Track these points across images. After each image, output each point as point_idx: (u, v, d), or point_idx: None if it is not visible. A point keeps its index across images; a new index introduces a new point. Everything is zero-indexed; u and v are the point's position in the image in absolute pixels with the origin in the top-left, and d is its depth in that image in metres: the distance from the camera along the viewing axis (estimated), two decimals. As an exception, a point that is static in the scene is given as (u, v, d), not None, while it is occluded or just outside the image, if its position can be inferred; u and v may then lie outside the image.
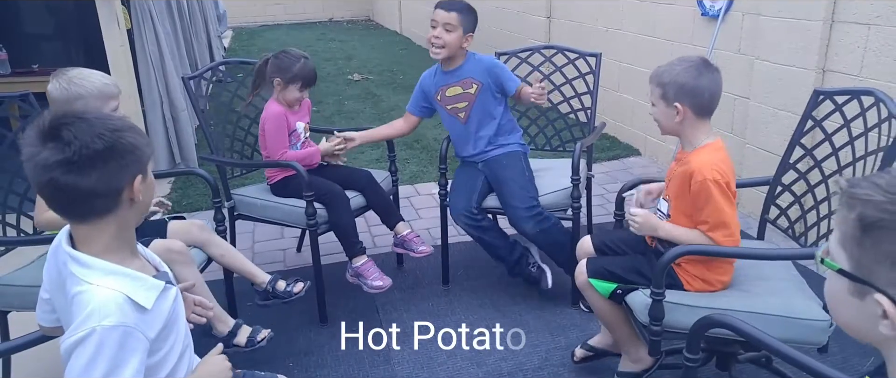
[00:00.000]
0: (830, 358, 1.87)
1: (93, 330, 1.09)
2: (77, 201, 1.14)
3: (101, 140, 1.11)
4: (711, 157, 1.82)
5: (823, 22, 2.89)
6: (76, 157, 1.09)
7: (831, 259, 0.83)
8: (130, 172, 1.17)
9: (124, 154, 1.15)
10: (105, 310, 1.11)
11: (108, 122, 1.15)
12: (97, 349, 1.09)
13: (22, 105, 2.33)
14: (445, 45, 2.61)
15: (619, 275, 1.97)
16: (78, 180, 1.11)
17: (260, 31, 11.89)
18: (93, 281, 1.15)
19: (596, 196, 3.67)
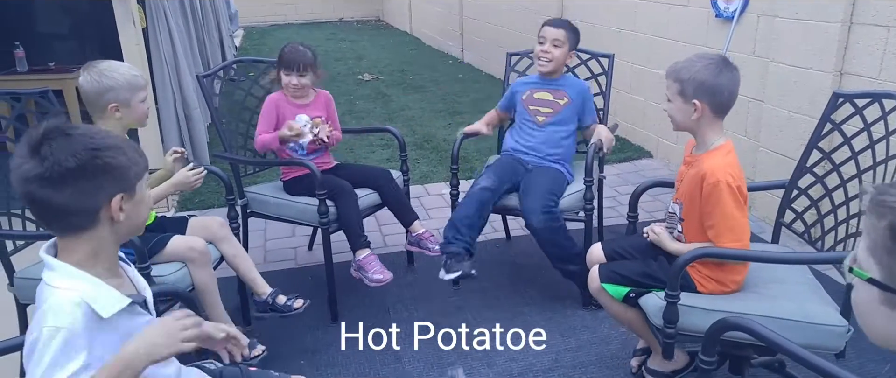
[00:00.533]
0: (847, 363, 1.85)
1: (41, 329, 1.12)
2: (52, 215, 1.17)
3: (75, 159, 1.13)
4: (723, 160, 1.81)
5: (842, 24, 2.87)
6: (48, 174, 1.11)
7: (860, 268, 0.81)
8: (107, 192, 1.18)
9: (97, 174, 1.15)
10: (57, 309, 1.14)
11: (90, 140, 1.16)
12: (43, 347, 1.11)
13: (40, 101, 2.35)
14: (553, 59, 2.74)
15: (631, 278, 1.96)
16: (51, 196, 1.13)
17: (270, 31, 11.93)
18: (55, 284, 1.17)
19: (607, 198, 3.66)
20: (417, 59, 8.62)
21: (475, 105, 5.91)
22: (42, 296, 1.18)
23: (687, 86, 1.82)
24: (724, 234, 1.80)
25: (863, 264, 0.81)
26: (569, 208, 2.62)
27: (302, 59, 2.60)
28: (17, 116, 2.29)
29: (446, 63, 8.30)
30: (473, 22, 7.91)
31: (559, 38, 2.73)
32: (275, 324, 2.60)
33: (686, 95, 1.83)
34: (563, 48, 2.74)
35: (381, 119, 5.67)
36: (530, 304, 2.72)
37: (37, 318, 1.14)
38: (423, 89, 6.86)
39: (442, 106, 6.11)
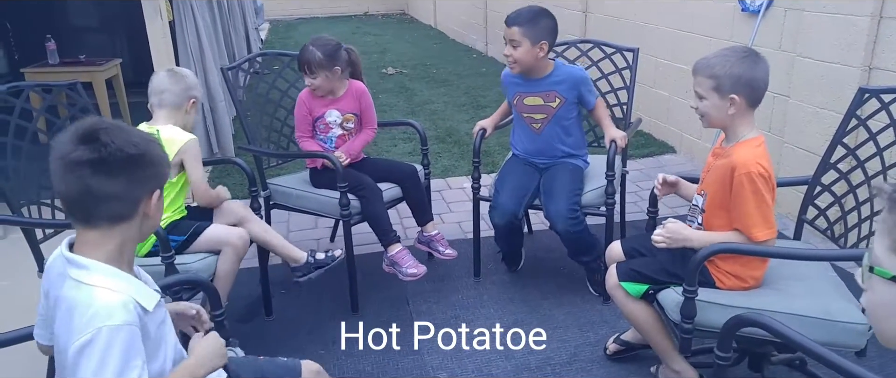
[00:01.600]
0: (868, 362, 1.83)
1: (99, 330, 1.10)
2: (97, 202, 1.16)
3: (136, 147, 1.17)
4: (755, 152, 1.80)
5: (871, 17, 2.81)
6: (107, 160, 1.13)
7: (881, 267, 0.80)
8: (151, 185, 1.22)
9: (149, 165, 1.20)
10: (109, 310, 1.13)
11: (141, 132, 1.23)
12: (107, 348, 1.09)
13: (70, 93, 2.41)
14: (516, 61, 2.54)
15: (649, 276, 1.95)
16: (104, 182, 1.14)
17: (296, 25, 12.03)
18: (94, 283, 1.16)
19: (630, 193, 3.64)
20: (441, 53, 8.63)
21: (498, 99, 5.86)
22: (74, 295, 1.15)
23: (724, 81, 1.79)
24: (759, 224, 1.77)
25: (884, 263, 0.80)
26: (591, 203, 2.62)
27: (309, 59, 2.56)
28: (48, 108, 2.36)
29: (470, 57, 8.29)
30: (498, 15, 7.89)
31: (514, 37, 2.50)
32: (297, 313, 2.65)
33: (722, 91, 1.80)
34: (523, 46, 2.49)
35: (404, 113, 5.69)
36: (549, 297, 2.73)
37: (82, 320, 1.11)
38: (447, 83, 6.87)
39: (465, 100, 6.11)
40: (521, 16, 2.51)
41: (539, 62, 2.56)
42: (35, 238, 2.17)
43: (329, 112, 2.69)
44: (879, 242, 0.81)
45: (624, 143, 2.60)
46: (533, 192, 2.63)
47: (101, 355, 1.09)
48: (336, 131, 2.71)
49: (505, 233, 2.64)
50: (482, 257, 2.92)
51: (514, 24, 2.50)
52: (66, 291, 1.16)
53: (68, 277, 1.17)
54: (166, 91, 2.27)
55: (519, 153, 2.79)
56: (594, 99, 2.70)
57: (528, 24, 2.49)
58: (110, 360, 1.10)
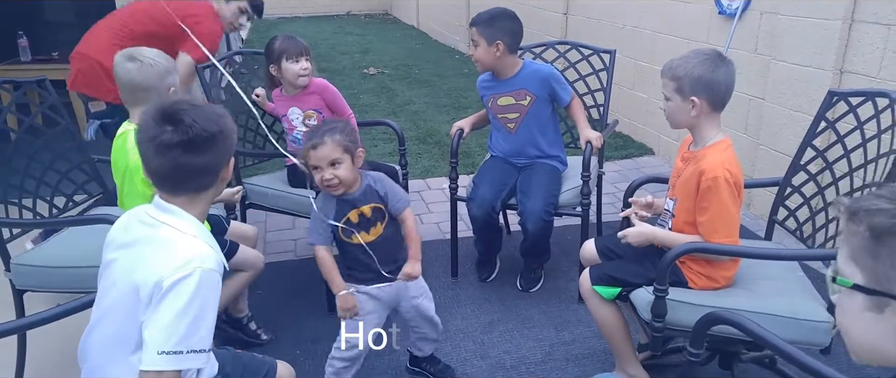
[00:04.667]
0: (833, 359, 1.85)
1: (195, 269, 1.23)
2: (188, 177, 1.32)
3: (216, 125, 1.31)
4: (722, 156, 1.81)
5: (843, 21, 2.86)
6: (194, 139, 1.27)
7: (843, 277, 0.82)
8: (229, 155, 1.37)
9: (229, 136, 1.34)
10: (205, 256, 1.27)
11: (214, 108, 1.35)
12: (198, 287, 1.22)
13: (40, 91, 2.38)
14: (477, 61, 2.62)
15: (622, 279, 1.96)
16: (194, 159, 1.29)
17: (278, 24, 11.95)
18: (188, 232, 1.30)
19: (606, 194, 3.66)
20: (423, 54, 8.63)
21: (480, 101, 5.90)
22: (172, 236, 1.28)
23: (684, 82, 1.82)
24: (719, 229, 1.80)
25: (845, 273, 0.82)
26: (566, 204, 2.64)
27: (302, 44, 2.57)
28: (19, 105, 2.33)
29: (452, 58, 8.30)
30: (479, 17, 7.90)
31: (474, 37, 2.58)
32: (274, 313, 2.63)
33: (683, 92, 1.83)
34: (481, 45, 2.56)
35: (385, 113, 5.68)
36: (525, 297, 2.74)
37: (181, 259, 1.23)
38: (429, 84, 6.86)
39: (447, 101, 6.11)
40: (480, 16, 2.61)
41: (499, 61, 2.61)
42: (1, 237, 2.13)
43: (291, 110, 2.66)
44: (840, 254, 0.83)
45: (599, 143, 2.62)
46: (510, 188, 2.64)
47: (192, 291, 1.21)
48: (300, 129, 2.67)
49: (482, 226, 2.64)
50: (459, 257, 2.93)
51: (473, 24, 2.61)
52: (161, 232, 1.30)
53: (161, 223, 1.30)
54: (136, 83, 2.00)
55: (497, 154, 2.80)
56: (568, 96, 2.70)
57: (484, 25, 2.57)
58: (197, 299, 1.22)
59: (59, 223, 2.29)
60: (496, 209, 2.61)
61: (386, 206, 1.94)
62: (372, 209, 1.92)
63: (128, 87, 2.03)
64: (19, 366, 2.16)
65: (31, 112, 2.41)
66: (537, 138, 2.70)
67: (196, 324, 1.22)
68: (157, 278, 1.22)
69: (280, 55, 2.56)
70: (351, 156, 1.85)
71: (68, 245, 2.23)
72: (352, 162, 1.86)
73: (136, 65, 2.00)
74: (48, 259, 2.14)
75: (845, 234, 0.82)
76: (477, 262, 2.93)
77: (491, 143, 2.85)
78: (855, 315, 0.81)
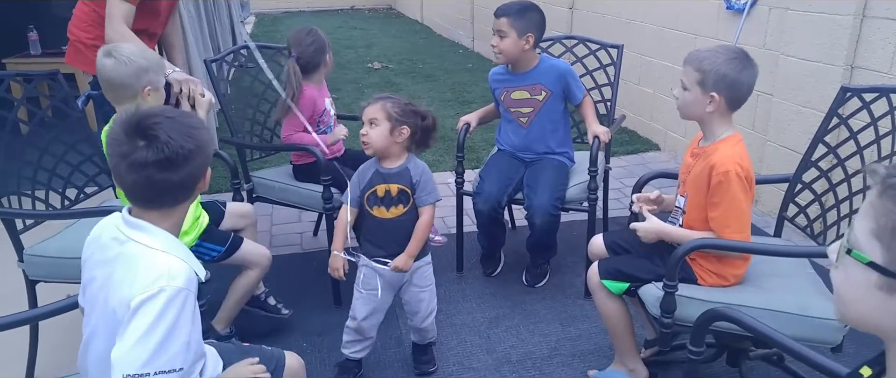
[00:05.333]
0: (844, 357, 1.84)
1: (162, 288, 1.17)
2: (164, 193, 1.26)
3: (192, 140, 1.24)
4: (733, 151, 1.80)
5: (854, 17, 2.84)
6: (170, 157, 1.21)
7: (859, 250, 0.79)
8: (205, 167, 1.31)
9: (205, 150, 1.29)
10: (173, 273, 1.21)
11: (189, 120, 1.29)
12: (165, 306, 1.17)
13: (51, 83, 2.38)
14: (502, 52, 2.57)
15: (631, 274, 1.95)
16: (170, 176, 1.23)
17: (282, 18, 11.95)
18: (157, 247, 1.24)
19: (613, 189, 3.66)
20: (427, 49, 8.61)
21: (484, 95, 5.90)
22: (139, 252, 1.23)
23: (708, 77, 1.79)
24: (731, 224, 1.78)
25: (863, 247, 0.79)
26: (573, 199, 2.63)
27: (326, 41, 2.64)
28: (29, 98, 2.33)
29: (456, 52, 8.28)
30: (484, 11, 7.89)
31: (502, 28, 2.54)
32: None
33: (705, 86, 1.80)
34: (510, 37, 2.53)
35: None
36: (531, 292, 2.74)
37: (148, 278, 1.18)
38: (433, 78, 6.85)
39: (451, 95, 6.11)
40: (510, 7, 2.56)
41: (524, 54, 2.59)
42: (15, 228, 2.14)
43: (325, 100, 2.72)
44: (861, 225, 0.80)
45: (607, 138, 2.61)
46: (517, 183, 2.64)
47: (159, 311, 1.16)
48: (332, 119, 2.74)
49: (487, 221, 2.64)
50: (465, 252, 2.93)
51: (503, 14, 2.54)
52: (129, 249, 1.24)
53: (130, 240, 1.24)
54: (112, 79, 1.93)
55: (504, 148, 2.80)
56: (581, 94, 2.70)
57: (516, 16, 2.53)
58: (166, 318, 1.17)
59: (72, 215, 2.29)
60: (502, 205, 2.61)
61: (413, 193, 2.00)
62: (399, 190, 1.99)
63: (105, 83, 1.97)
64: (31, 356, 2.17)
65: (42, 105, 2.41)
66: (548, 135, 2.70)
67: (164, 345, 1.16)
68: (126, 299, 1.18)
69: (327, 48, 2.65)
70: (391, 125, 1.94)
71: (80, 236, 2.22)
72: (390, 132, 1.94)
73: (111, 61, 1.92)
74: (60, 250, 2.15)
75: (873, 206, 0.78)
76: (481, 256, 2.93)
77: (499, 136, 2.84)
78: (861, 289, 0.79)
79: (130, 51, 1.96)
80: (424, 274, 2.11)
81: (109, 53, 1.93)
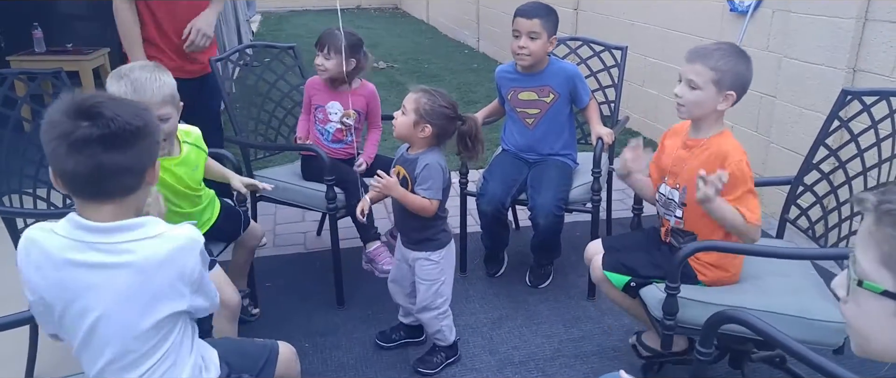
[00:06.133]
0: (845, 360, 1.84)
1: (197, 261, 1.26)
2: (111, 177, 1.16)
3: (140, 119, 1.18)
4: (735, 142, 1.84)
5: (856, 20, 2.84)
6: (117, 134, 1.13)
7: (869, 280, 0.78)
8: (154, 154, 1.24)
9: (150, 135, 1.21)
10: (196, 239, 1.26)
11: (136, 103, 1.24)
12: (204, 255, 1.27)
13: (55, 82, 2.40)
14: (531, 54, 2.55)
15: (634, 268, 1.96)
16: (116, 156, 1.14)
17: (288, 17, 11.97)
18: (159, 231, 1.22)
19: (616, 191, 3.65)
20: (433, 49, 8.62)
21: (489, 95, 5.90)
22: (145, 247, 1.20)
23: (726, 76, 1.79)
24: (752, 200, 1.80)
25: (873, 277, 0.78)
26: (577, 200, 2.63)
27: (329, 40, 2.56)
28: (33, 96, 2.34)
29: (462, 52, 8.29)
30: (489, 11, 7.89)
31: (535, 29, 2.51)
32: (283, 306, 2.64)
33: (722, 85, 1.80)
34: (541, 39, 2.53)
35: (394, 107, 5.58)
36: (535, 293, 2.74)
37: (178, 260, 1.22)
38: (438, 78, 6.86)
39: (456, 95, 6.07)
40: (539, 8, 2.55)
41: (545, 56, 2.61)
42: (16, 227, 2.15)
43: (331, 104, 2.67)
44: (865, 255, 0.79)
45: (610, 140, 2.62)
46: (520, 184, 2.64)
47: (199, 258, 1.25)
48: (334, 125, 2.68)
49: (491, 222, 2.64)
50: (469, 252, 2.93)
51: (535, 15, 2.53)
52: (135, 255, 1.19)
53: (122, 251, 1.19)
54: None
55: (509, 148, 2.80)
56: (587, 97, 2.72)
57: (546, 17, 2.54)
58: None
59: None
60: (506, 206, 2.62)
61: (413, 183, 2.05)
62: (404, 176, 2.08)
63: None
64: (31, 356, 2.18)
65: (46, 103, 2.42)
66: (554, 137, 2.70)
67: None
68: (177, 273, 1.22)
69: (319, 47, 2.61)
70: (416, 118, 2.01)
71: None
72: (413, 124, 2.01)
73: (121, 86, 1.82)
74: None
75: (872, 235, 0.78)
76: (484, 257, 2.93)
77: (504, 135, 2.85)
78: (881, 320, 0.78)
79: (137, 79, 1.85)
80: (424, 267, 2.15)
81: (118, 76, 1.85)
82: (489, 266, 2.90)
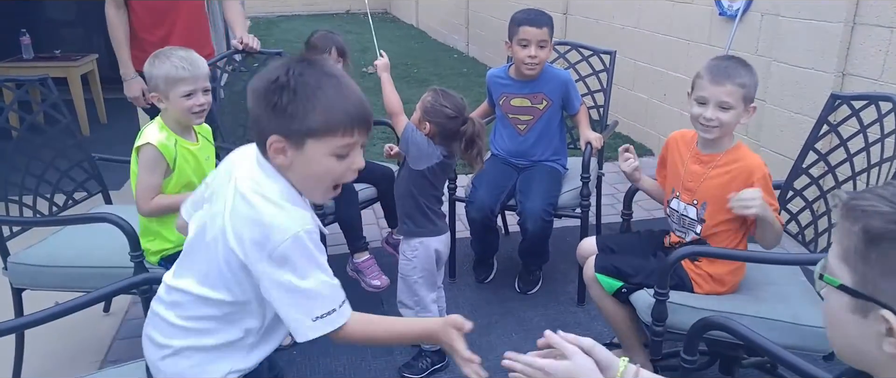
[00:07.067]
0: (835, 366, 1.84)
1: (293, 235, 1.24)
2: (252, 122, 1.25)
3: (261, 80, 1.23)
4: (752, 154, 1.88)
5: (845, 24, 2.85)
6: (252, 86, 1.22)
7: (831, 275, 0.80)
8: (268, 127, 1.23)
9: (267, 105, 1.22)
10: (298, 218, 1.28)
11: (302, 73, 1.25)
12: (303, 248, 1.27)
13: (42, 89, 2.37)
14: (541, 62, 2.56)
15: (627, 273, 1.95)
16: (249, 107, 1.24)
17: (278, 22, 11.94)
18: (275, 199, 1.26)
19: (606, 196, 3.65)
20: (422, 53, 8.61)
21: (478, 100, 5.88)
22: (257, 206, 1.20)
23: (751, 90, 1.81)
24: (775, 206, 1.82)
25: (834, 271, 0.80)
26: (566, 205, 2.63)
27: (330, 42, 2.59)
28: (21, 103, 2.32)
29: (451, 57, 8.29)
30: (479, 16, 7.90)
31: (545, 37, 2.52)
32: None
33: (748, 100, 1.81)
34: (549, 46, 2.55)
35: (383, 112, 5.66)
36: (524, 299, 2.73)
37: (271, 228, 1.19)
38: (428, 83, 6.82)
39: (445, 100, 6.10)
40: (546, 16, 2.57)
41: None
42: (1, 234, 2.13)
43: None
44: (832, 250, 0.81)
45: (599, 144, 2.61)
46: (510, 190, 2.63)
47: (300, 257, 1.22)
48: None
49: (480, 229, 2.63)
50: (458, 258, 2.92)
51: (545, 24, 2.53)
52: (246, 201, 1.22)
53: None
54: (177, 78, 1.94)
55: (498, 153, 2.79)
56: (579, 104, 2.72)
57: (551, 24, 2.56)
58: (306, 260, 1.24)
59: (58, 221, 2.28)
60: (495, 212, 2.61)
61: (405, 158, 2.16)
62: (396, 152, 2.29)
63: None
64: (17, 365, 2.15)
65: (33, 110, 2.40)
66: (544, 144, 2.70)
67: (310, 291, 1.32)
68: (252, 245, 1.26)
69: (311, 50, 2.61)
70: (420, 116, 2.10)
71: (66, 245, 2.21)
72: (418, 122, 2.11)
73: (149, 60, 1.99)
74: (45, 258, 2.13)
75: (840, 230, 0.80)
76: (474, 262, 2.92)
77: (493, 139, 2.83)
78: (840, 315, 0.79)
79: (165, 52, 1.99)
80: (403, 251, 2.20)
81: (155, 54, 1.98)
82: (478, 272, 2.89)
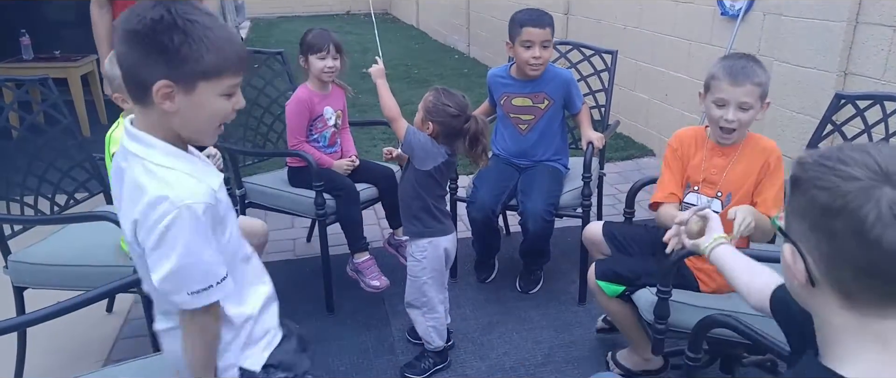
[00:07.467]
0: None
1: (174, 207, 1.10)
2: (123, 72, 1.12)
3: (141, 23, 1.06)
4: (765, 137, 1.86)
5: (847, 23, 2.84)
6: (126, 28, 1.07)
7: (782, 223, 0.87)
8: (156, 72, 1.08)
9: (153, 47, 1.06)
10: (191, 189, 1.14)
11: (187, 14, 1.07)
12: (180, 223, 1.11)
13: (42, 89, 2.37)
14: (544, 63, 2.56)
15: (627, 277, 1.94)
16: (122, 50, 1.09)
17: (278, 23, 11.94)
18: (161, 163, 1.13)
19: (607, 196, 3.65)
20: (423, 54, 8.61)
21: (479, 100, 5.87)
22: (141, 174, 1.11)
23: (765, 87, 1.80)
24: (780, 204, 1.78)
25: (787, 221, 0.86)
26: (567, 205, 2.62)
27: (329, 40, 2.57)
28: (21, 103, 2.31)
29: (452, 57, 8.29)
30: (480, 17, 7.90)
31: (548, 37, 2.52)
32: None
33: (764, 97, 1.81)
34: (550, 47, 2.56)
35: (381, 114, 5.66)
36: (526, 298, 2.73)
37: (153, 197, 1.08)
38: (428, 83, 6.80)
39: (446, 100, 6.10)
40: (548, 16, 2.57)
41: None
42: (3, 233, 2.13)
43: (326, 109, 2.66)
44: None
45: (601, 144, 2.61)
46: (511, 190, 2.63)
47: (175, 232, 1.09)
48: (330, 130, 2.68)
49: (481, 229, 2.62)
50: (459, 258, 2.90)
51: (548, 24, 2.54)
52: (129, 169, 1.13)
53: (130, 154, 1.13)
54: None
55: (500, 153, 2.79)
56: (580, 103, 2.71)
57: (552, 24, 2.56)
58: (181, 238, 1.10)
59: (59, 220, 2.28)
60: (496, 213, 2.60)
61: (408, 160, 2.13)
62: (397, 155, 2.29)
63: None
64: (19, 363, 2.15)
65: (33, 110, 2.40)
66: (546, 143, 2.69)
67: (186, 269, 1.20)
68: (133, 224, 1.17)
69: (309, 49, 2.58)
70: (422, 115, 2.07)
71: (67, 243, 2.22)
72: (421, 121, 2.08)
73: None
74: (46, 256, 2.13)
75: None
76: (475, 263, 2.91)
77: (495, 139, 2.83)
78: (786, 257, 0.84)
79: None
80: (409, 262, 2.18)
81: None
82: (480, 272, 2.88)
